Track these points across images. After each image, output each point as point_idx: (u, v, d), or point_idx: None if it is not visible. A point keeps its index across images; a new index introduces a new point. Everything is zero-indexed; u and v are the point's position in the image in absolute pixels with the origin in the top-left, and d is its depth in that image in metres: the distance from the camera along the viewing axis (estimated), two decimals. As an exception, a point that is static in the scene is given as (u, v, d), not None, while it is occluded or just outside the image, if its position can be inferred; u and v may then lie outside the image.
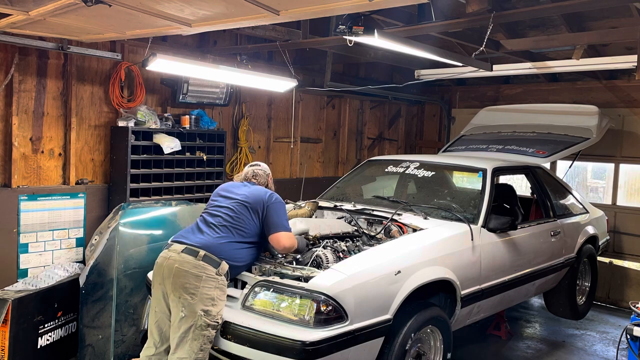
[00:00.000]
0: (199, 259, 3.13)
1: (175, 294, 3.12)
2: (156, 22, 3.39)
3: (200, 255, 3.13)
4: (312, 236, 3.84)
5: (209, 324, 3.06)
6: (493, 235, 4.16)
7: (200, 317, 3.04)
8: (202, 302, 3.07)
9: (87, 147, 5.00)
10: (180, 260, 3.15)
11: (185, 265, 3.12)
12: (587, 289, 5.91)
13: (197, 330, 3.04)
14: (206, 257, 3.14)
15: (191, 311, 3.06)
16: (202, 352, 3.06)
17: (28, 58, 4.56)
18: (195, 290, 3.08)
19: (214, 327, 3.09)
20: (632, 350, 3.64)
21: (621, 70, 6.39)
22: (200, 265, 3.12)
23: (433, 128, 8.77)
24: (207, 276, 3.11)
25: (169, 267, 3.17)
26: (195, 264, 3.12)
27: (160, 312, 3.27)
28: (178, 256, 3.17)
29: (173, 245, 3.27)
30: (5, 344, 3.76)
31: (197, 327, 3.04)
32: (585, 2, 3.71)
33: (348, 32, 3.53)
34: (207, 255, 3.14)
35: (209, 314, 3.06)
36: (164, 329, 3.25)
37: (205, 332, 3.05)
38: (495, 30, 5.39)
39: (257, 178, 3.66)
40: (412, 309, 3.41)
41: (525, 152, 5.56)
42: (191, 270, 3.11)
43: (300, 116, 7.03)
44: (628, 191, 7.06)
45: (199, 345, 3.04)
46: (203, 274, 3.11)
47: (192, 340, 3.05)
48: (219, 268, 3.14)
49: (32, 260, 4.64)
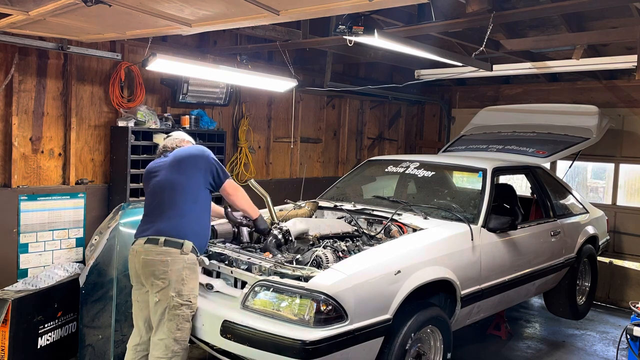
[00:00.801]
0: (161, 246, 3.24)
1: (148, 282, 3.27)
2: (156, 22, 3.39)
3: (161, 242, 3.24)
4: (312, 236, 3.84)
5: (181, 303, 3.20)
6: (493, 235, 4.16)
7: (172, 299, 3.19)
8: (172, 284, 3.20)
9: (87, 147, 5.00)
10: (145, 251, 3.27)
11: (150, 254, 3.25)
12: (587, 289, 5.91)
13: (171, 310, 3.20)
14: (167, 241, 3.24)
15: (164, 295, 3.21)
16: (179, 331, 3.21)
17: (28, 58, 4.56)
18: (165, 275, 3.21)
19: (188, 306, 3.23)
20: (632, 350, 3.64)
21: (621, 70, 6.38)
22: (163, 251, 3.23)
23: (433, 128, 8.77)
24: (172, 259, 3.22)
25: (138, 260, 3.31)
26: (159, 250, 3.24)
27: (142, 302, 3.40)
28: (142, 248, 3.30)
29: (136, 241, 3.39)
30: (5, 344, 3.75)
31: (171, 307, 3.19)
32: (585, 2, 3.71)
33: (348, 32, 3.53)
34: (168, 240, 3.25)
35: (180, 293, 3.20)
36: (147, 318, 3.38)
37: (179, 312, 3.20)
38: (495, 30, 5.40)
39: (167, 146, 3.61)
40: (412, 309, 3.41)
41: (525, 152, 5.56)
42: (156, 258, 3.23)
43: (300, 116, 7.03)
44: (628, 191, 7.06)
45: (175, 325, 3.20)
46: (168, 258, 3.22)
47: (168, 321, 3.20)
48: (182, 248, 3.24)
49: (32, 260, 4.64)
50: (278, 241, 3.73)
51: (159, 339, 3.22)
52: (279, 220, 4.08)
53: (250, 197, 3.73)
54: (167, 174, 3.40)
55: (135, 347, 3.42)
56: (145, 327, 3.40)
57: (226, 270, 3.43)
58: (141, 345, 3.40)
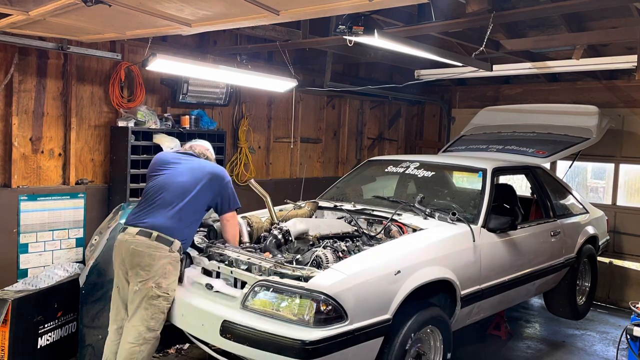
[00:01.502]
0: (153, 240, 3.38)
1: (132, 271, 3.40)
2: (156, 22, 3.39)
3: (154, 237, 3.38)
4: (312, 236, 3.84)
5: (159, 295, 3.36)
6: (493, 235, 4.16)
7: (151, 289, 3.35)
8: (155, 276, 3.36)
9: (87, 147, 5.00)
10: (136, 242, 3.39)
11: (140, 246, 3.38)
12: (587, 289, 5.91)
13: (148, 300, 3.35)
14: (159, 237, 3.39)
15: (144, 284, 3.36)
16: (153, 320, 3.36)
17: (28, 58, 4.56)
18: (149, 268, 3.36)
19: (165, 298, 3.39)
20: (632, 350, 3.64)
21: (621, 70, 6.38)
22: (154, 245, 3.38)
23: (433, 128, 8.77)
24: (160, 254, 3.38)
25: (127, 249, 3.42)
26: (149, 244, 3.38)
27: (122, 289, 3.52)
28: (133, 238, 3.41)
29: (128, 229, 3.48)
30: (5, 344, 3.76)
31: (149, 297, 3.35)
32: (585, 2, 3.71)
33: (348, 32, 3.53)
34: (160, 236, 3.39)
35: (160, 285, 3.37)
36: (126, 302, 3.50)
37: (155, 302, 3.36)
38: (495, 30, 5.39)
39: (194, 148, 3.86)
40: (412, 309, 3.41)
41: (525, 152, 5.56)
42: (145, 250, 3.37)
43: (300, 116, 7.03)
44: (628, 191, 7.05)
45: (150, 314, 3.35)
46: (157, 252, 3.37)
47: (143, 310, 3.35)
48: (171, 246, 3.40)
49: (32, 261, 4.64)
50: (278, 241, 3.74)
51: (132, 325, 3.37)
52: (279, 220, 4.08)
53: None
54: (184, 178, 3.57)
55: (117, 330, 3.54)
56: (125, 312, 3.52)
57: (226, 270, 3.43)
58: (121, 329, 3.51)
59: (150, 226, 3.42)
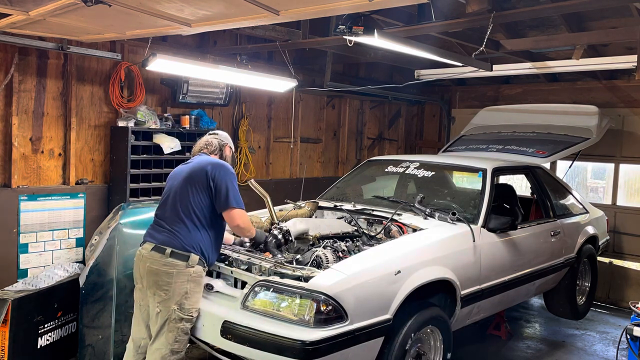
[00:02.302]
0: (167, 257, 3.17)
1: (150, 290, 3.23)
2: (156, 22, 3.39)
3: (167, 253, 3.18)
4: (312, 236, 3.84)
5: (182, 317, 3.17)
6: (493, 235, 4.16)
7: (174, 312, 3.15)
8: (175, 297, 3.16)
9: (87, 147, 5.00)
10: (151, 259, 3.22)
11: (155, 264, 3.19)
12: (587, 289, 5.91)
13: (171, 323, 3.16)
14: (173, 253, 3.18)
15: (165, 306, 3.17)
16: (177, 342, 3.18)
17: (28, 58, 4.56)
18: (168, 287, 3.16)
19: (188, 320, 3.19)
20: (632, 350, 3.64)
21: (621, 70, 6.38)
22: (169, 262, 3.17)
23: (433, 128, 8.77)
24: (177, 272, 3.16)
25: (143, 265, 3.26)
26: (164, 261, 3.18)
27: (144, 305, 3.36)
28: (149, 254, 3.23)
29: (145, 244, 3.32)
30: (5, 344, 3.75)
31: (172, 320, 3.16)
32: (585, 2, 3.71)
33: (348, 32, 3.53)
34: (174, 252, 3.18)
35: (182, 307, 3.17)
36: (147, 321, 3.34)
37: (179, 325, 3.17)
38: (495, 30, 5.39)
39: (209, 147, 3.53)
40: (412, 309, 3.41)
41: (525, 152, 5.56)
42: (161, 268, 3.18)
43: (300, 116, 7.03)
44: (628, 191, 7.06)
45: (173, 336, 3.17)
46: (174, 270, 3.16)
47: (167, 332, 3.17)
48: (188, 261, 3.18)
49: (32, 260, 4.64)
50: (278, 241, 3.73)
51: (156, 348, 3.20)
52: (279, 220, 4.08)
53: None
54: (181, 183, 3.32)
55: (137, 348, 3.39)
56: (147, 331, 3.35)
57: (226, 270, 3.43)
58: (143, 348, 3.36)
59: (162, 242, 3.22)
